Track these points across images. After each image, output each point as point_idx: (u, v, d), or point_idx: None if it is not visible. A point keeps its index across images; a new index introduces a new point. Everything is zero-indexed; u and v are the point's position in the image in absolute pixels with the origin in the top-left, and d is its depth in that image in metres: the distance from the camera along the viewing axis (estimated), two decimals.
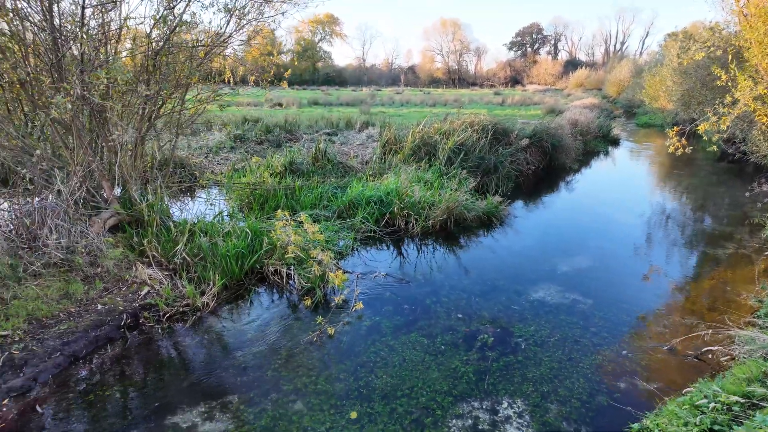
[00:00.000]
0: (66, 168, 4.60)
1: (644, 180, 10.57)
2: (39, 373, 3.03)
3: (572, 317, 4.01)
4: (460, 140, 8.27)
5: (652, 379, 3.22)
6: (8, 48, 4.10)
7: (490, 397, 3.00)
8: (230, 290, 4.30)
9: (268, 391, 3.01)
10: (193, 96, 5.23)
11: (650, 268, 5.13)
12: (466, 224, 6.32)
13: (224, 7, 4.53)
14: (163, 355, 3.45)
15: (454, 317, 3.96)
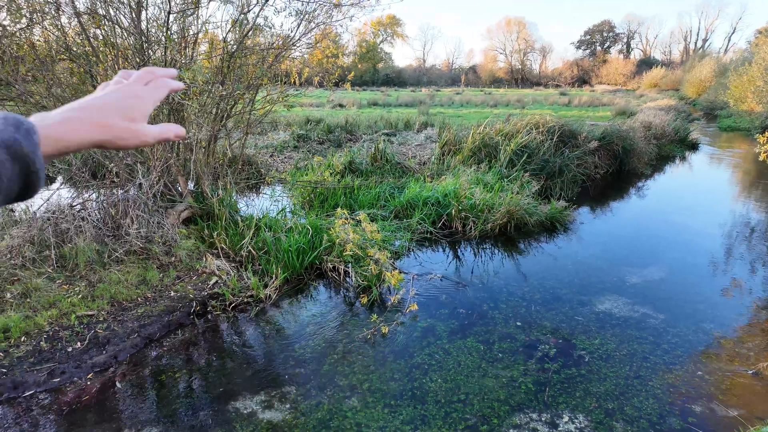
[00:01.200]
0: (147, 163, 4.96)
1: (726, 188, 9.74)
2: (119, 352, 3.29)
3: (642, 332, 3.76)
4: (524, 142, 8.02)
5: (734, 405, 2.95)
6: (102, 52, 4.48)
7: (549, 410, 2.89)
8: (291, 284, 4.45)
9: (324, 385, 3.08)
10: (262, 97, 5.45)
11: (732, 284, 4.72)
12: (527, 229, 6.12)
13: (296, 12, 4.68)
14: (228, 343, 3.62)
15: (512, 325, 3.85)
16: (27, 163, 0.42)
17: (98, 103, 0.50)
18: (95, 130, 0.48)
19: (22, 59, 4.08)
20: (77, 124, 0.47)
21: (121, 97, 0.51)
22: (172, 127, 0.57)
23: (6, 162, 0.40)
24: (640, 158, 10.02)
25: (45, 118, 0.46)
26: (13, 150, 0.41)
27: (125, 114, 0.51)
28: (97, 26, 4.32)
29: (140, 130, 0.52)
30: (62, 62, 4.54)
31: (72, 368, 3.11)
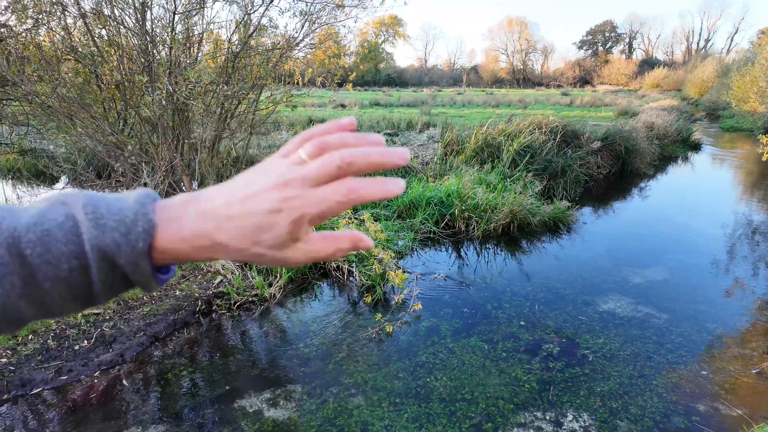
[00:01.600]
0: (152, 163, 4.98)
1: (728, 188, 9.73)
2: (125, 350, 3.31)
3: (645, 332, 3.77)
4: (526, 142, 8.04)
5: (738, 404, 2.96)
6: (107, 52, 4.51)
7: (554, 409, 2.90)
8: (295, 283, 4.46)
9: (329, 384, 3.10)
10: (265, 97, 5.47)
11: (735, 284, 4.72)
12: (530, 229, 6.13)
13: (300, 12, 4.71)
14: (233, 342, 3.64)
15: (516, 324, 3.86)
16: (126, 272, 0.35)
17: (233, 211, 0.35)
18: (221, 253, 0.36)
19: (28, 59, 4.11)
20: (201, 241, 0.35)
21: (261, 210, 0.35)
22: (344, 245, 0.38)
23: (103, 269, 0.34)
24: (643, 158, 10.02)
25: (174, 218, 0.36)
26: (110, 258, 0.34)
27: (260, 240, 0.35)
28: (103, 26, 4.35)
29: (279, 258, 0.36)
30: (67, 62, 4.56)
31: (79, 366, 3.13)
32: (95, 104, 4.42)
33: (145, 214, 0.34)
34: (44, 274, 0.33)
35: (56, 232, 0.33)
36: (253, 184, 0.36)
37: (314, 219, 0.35)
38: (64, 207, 0.35)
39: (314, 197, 0.34)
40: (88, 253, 0.33)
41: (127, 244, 0.34)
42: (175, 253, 0.35)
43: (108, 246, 0.33)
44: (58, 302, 0.34)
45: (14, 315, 0.34)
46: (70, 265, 0.33)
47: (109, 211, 0.34)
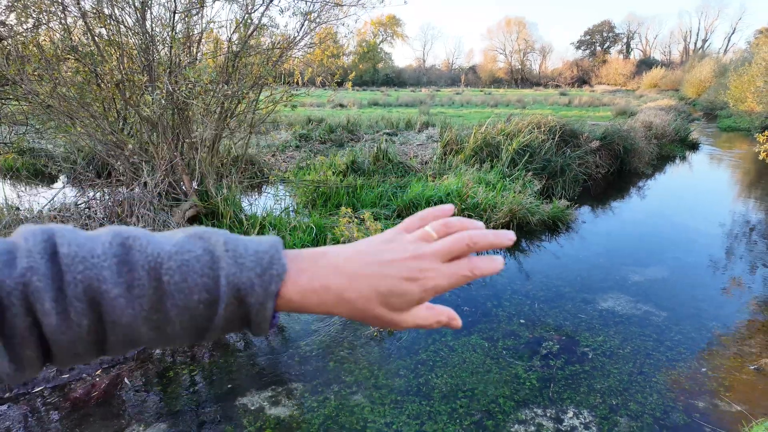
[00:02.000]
0: (152, 162, 4.98)
1: (726, 188, 9.77)
2: None
3: (645, 329, 3.79)
4: (525, 141, 8.06)
5: (737, 400, 2.98)
6: (107, 51, 4.51)
7: (554, 406, 2.91)
8: None
9: (330, 382, 3.10)
10: (265, 96, 5.48)
11: (733, 282, 4.75)
12: (530, 228, 6.15)
13: (300, 12, 4.72)
14: (234, 341, 3.65)
15: (516, 322, 3.87)
16: (251, 312, 0.36)
17: (368, 272, 0.38)
18: (343, 308, 0.38)
19: (28, 59, 4.11)
20: (329, 295, 0.38)
21: (398, 276, 0.38)
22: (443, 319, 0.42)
23: (231, 305, 0.36)
24: (641, 158, 10.05)
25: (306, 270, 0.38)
26: (242, 295, 0.36)
27: (388, 301, 0.38)
28: (103, 25, 4.35)
29: (395, 322, 0.40)
30: (67, 61, 4.56)
31: (81, 364, 3.13)
32: (95, 103, 4.42)
33: (279, 259, 0.37)
34: (173, 302, 0.35)
35: (194, 264, 0.35)
36: (385, 251, 0.39)
37: (442, 290, 0.39)
38: (201, 241, 0.37)
39: (446, 271, 0.39)
40: (222, 288, 0.35)
41: (261, 285, 0.36)
42: (299, 302, 0.37)
43: (243, 284, 0.36)
44: (177, 331, 0.36)
45: (132, 336, 0.35)
46: (200, 297, 0.35)
47: (247, 251, 0.37)
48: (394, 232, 0.42)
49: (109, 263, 0.34)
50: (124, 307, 0.34)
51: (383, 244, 0.40)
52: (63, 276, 0.33)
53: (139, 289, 0.34)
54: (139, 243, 0.36)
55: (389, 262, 0.38)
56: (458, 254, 0.40)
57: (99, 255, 0.34)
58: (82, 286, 0.33)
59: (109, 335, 0.35)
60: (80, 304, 0.33)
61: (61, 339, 0.33)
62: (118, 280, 0.34)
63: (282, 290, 0.37)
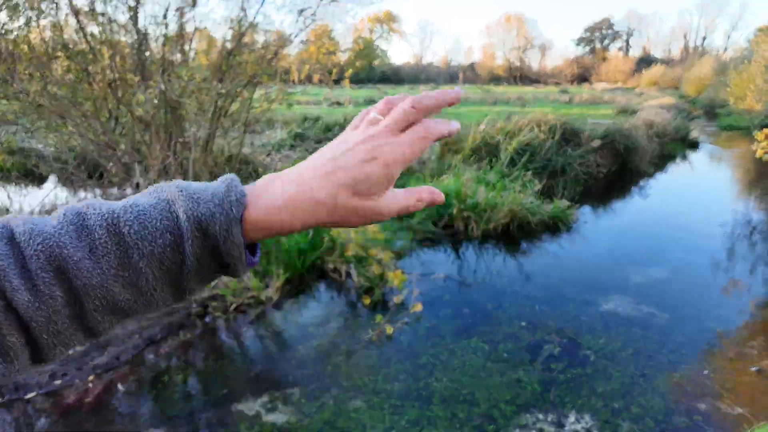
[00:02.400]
0: (144, 162, 4.91)
1: (727, 187, 9.73)
2: (120, 353, 3.26)
3: (647, 331, 3.74)
4: (525, 141, 8.00)
5: (739, 403, 2.94)
6: (99, 49, 4.43)
7: (555, 410, 2.86)
8: (292, 285, 4.41)
9: (328, 386, 3.05)
10: (260, 95, 5.41)
11: (735, 283, 4.70)
12: (530, 228, 6.09)
13: (297, 10, 4.66)
14: (229, 344, 3.59)
15: (516, 325, 3.82)
16: (217, 241, 0.35)
17: (327, 170, 0.38)
18: (316, 213, 0.37)
19: (19, 57, 4.04)
20: (298, 204, 0.37)
21: (357, 161, 0.38)
22: (424, 195, 0.42)
23: (196, 239, 0.35)
24: (643, 157, 10.00)
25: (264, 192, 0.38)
26: (204, 226, 0.35)
27: (358, 189, 0.38)
28: (95, 23, 4.28)
29: (374, 211, 0.39)
30: (59, 60, 4.49)
31: (74, 370, 3.07)
32: (87, 102, 4.35)
33: (236, 186, 0.37)
34: (140, 252, 0.34)
35: (151, 211, 0.35)
36: (338, 147, 0.39)
37: (405, 161, 0.39)
38: (154, 192, 0.37)
39: (401, 141, 0.38)
40: (182, 224, 0.35)
41: (221, 213, 0.35)
42: (267, 221, 0.37)
43: (203, 215, 0.35)
44: (151, 283, 0.35)
45: (109, 298, 0.35)
46: (164, 240, 0.35)
47: (200, 188, 0.37)
48: (343, 134, 0.41)
49: (66, 229, 0.34)
50: (92, 268, 0.34)
51: (334, 145, 0.40)
52: (23, 251, 0.33)
53: (102, 248, 0.34)
54: (93, 207, 0.36)
55: (343, 154, 0.38)
56: (408, 121, 0.39)
57: (55, 225, 0.34)
58: (44, 257, 0.33)
59: (85, 302, 0.34)
60: (46, 274, 0.33)
61: (37, 316, 0.33)
62: (79, 244, 0.34)
63: (245, 214, 0.36)
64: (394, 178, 0.39)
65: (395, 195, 0.40)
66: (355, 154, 0.38)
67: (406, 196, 0.41)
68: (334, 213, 0.38)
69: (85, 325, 0.35)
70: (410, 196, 0.41)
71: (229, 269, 0.37)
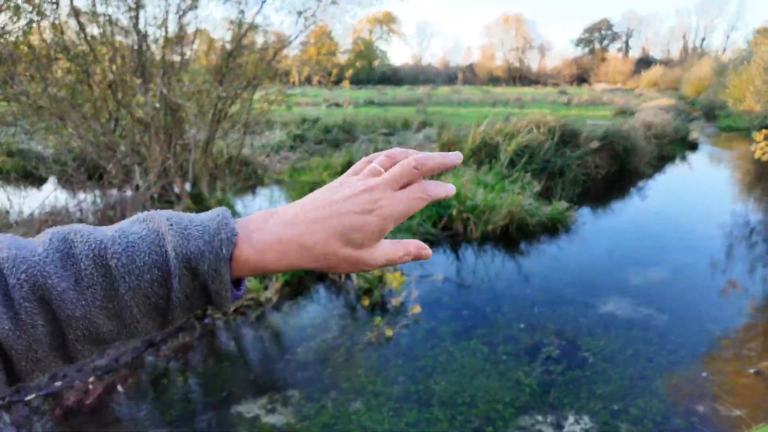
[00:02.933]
0: (144, 164, 4.92)
1: (726, 188, 9.74)
2: (120, 355, 3.26)
3: (646, 333, 3.75)
4: (524, 142, 8.01)
5: (737, 405, 2.94)
6: (99, 51, 4.44)
7: (555, 412, 2.87)
8: (291, 286, 4.42)
9: (327, 388, 3.05)
10: (260, 96, 5.42)
11: (733, 284, 4.71)
12: (529, 230, 6.10)
13: (296, 12, 4.66)
14: (229, 346, 3.60)
15: (516, 327, 3.83)
16: (207, 281, 0.35)
17: (321, 216, 0.38)
18: (305, 257, 0.37)
19: (19, 59, 4.04)
20: (286, 247, 0.37)
21: (354, 210, 0.38)
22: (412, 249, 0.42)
23: (184, 276, 0.35)
24: (642, 158, 10.01)
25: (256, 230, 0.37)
26: (193, 264, 0.35)
27: (350, 238, 0.38)
28: (97, 24, 4.29)
29: (364, 261, 0.39)
30: (59, 62, 4.49)
31: (73, 372, 3.08)
32: (87, 104, 4.36)
33: (228, 224, 0.36)
34: (127, 285, 0.34)
35: (140, 244, 0.35)
36: (336, 193, 0.39)
37: (400, 218, 0.39)
38: (143, 223, 0.36)
39: (400, 197, 0.39)
40: (171, 261, 0.34)
41: (211, 251, 0.35)
42: (257, 261, 0.37)
43: (192, 253, 0.35)
44: (135, 316, 0.35)
45: (92, 330, 0.34)
46: (152, 276, 0.34)
47: (192, 222, 0.36)
48: (342, 177, 0.42)
49: (52, 258, 0.34)
50: (76, 299, 0.33)
51: (333, 188, 0.40)
52: (6, 279, 0.32)
53: (88, 279, 0.34)
54: (81, 235, 0.35)
55: (342, 201, 0.38)
56: (408, 179, 0.40)
57: (40, 253, 0.34)
58: (28, 286, 0.32)
59: (67, 333, 0.34)
60: (29, 304, 0.32)
61: (17, 344, 0.32)
62: (64, 274, 0.33)
63: (236, 253, 0.36)
64: (386, 233, 0.39)
65: (383, 246, 0.40)
66: (353, 205, 0.38)
67: (394, 250, 0.41)
68: (324, 259, 0.38)
69: (65, 353, 0.35)
70: (398, 250, 0.41)
71: (214, 304, 0.37)
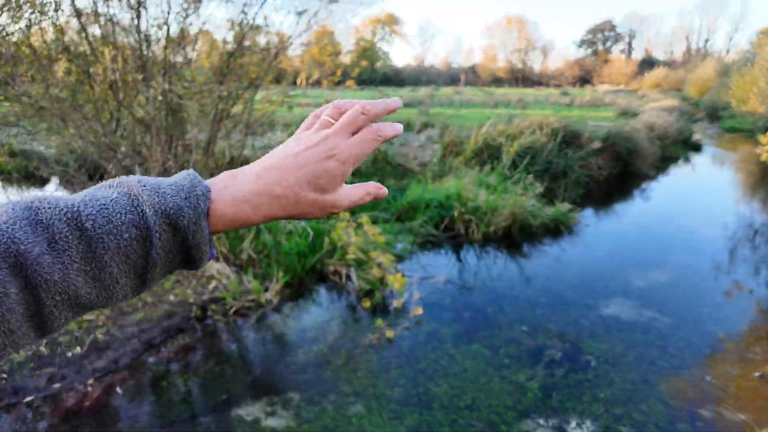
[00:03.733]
0: (145, 165, 4.90)
1: (729, 190, 9.69)
2: (119, 357, 3.24)
3: (648, 336, 3.72)
4: (527, 143, 7.97)
5: (742, 409, 2.91)
6: (101, 52, 4.42)
7: (557, 416, 2.84)
8: (292, 288, 4.40)
9: (327, 391, 3.03)
10: (262, 96, 5.40)
11: (737, 287, 4.67)
12: (531, 231, 6.07)
13: (296, 12, 4.65)
14: (229, 348, 3.58)
15: (517, 329, 3.80)
16: (186, 235, 0.37)
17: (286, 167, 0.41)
18: (277, 206, 0.40)
19: (20, 59, 4.03)
20: (258, 198, 0.40)
21: (315, 159, 0.41)
22: (371, 191, 0.46)
23: (164, 233, 0.36)
24: (644, 159, 9.97)
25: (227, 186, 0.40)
26: (173, 220, 0.36)
27: (317, 183, 0.41)
28: (97, 24, 4.28)
29: (332, 204, 0.43)
30: (59, 61, 4.48)
31: (72, 373, 3.06)
32: (88, 105, 4.34)
33: (200, 182, 0.38)
34: (105, 246, 0.34)
35: (113, 205, 0.35)
36: (296, 147, 0.42)
37: (358, 159, 0.43)
38: (113, 188, 0.37)
39: (354, 142, 0.43)
40: (150, 218, 0.35)
41: (189, 206, 0.36)
42: (233, 214, 0.39)
43: (171, 209, 0.36)
44: (115, 277, 0.35)
45: (71, 293, 0.34)
46: (131, 234, 0.35)
47: (164, 183, 0.38)
48: (297, 133, 0.45)
49: (20, 225, 0.33)
50: (52, 263, 0.33)
51: (291, 144, 0.43)
52: None
53: (63, 243, 0.33)
54: (47, 202, 0.34)
55: (302, 152, 0.41)
56: (358, 125, 0.43)
57: (5, 221, 0.33)
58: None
59: (45, 299, 0.33)
60: (1, 272, 0.31)
61: None
62: (36, 239, 0.32)
63: (212, 207, 0.38)
64: (347, 175, 0.43)
65: (345, 189, 0.44)
66: (314, 153, 0.41)
67: (356, 191, 0.45)
68: (296, 206, 0.41)
69: (41, 322, 0.34)
70: (359, 191, 0.45)
71: (193, 262, 0.38)
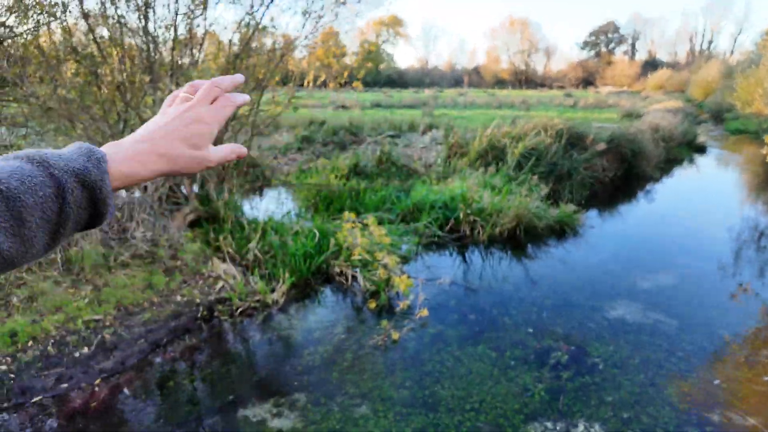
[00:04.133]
0: None
1: (734, 191, 9.64)
2: (126, 357, 3.25)
3: (655, 339, 3.70)
4: (531, 145, 7.96)
5: (752, 413, 2.89)
6: (108, 52, 4.45)
7: (564, 419, 2.83)
8: (298, 288, 4.40)
9: (333, 393, 3.03)
10: (269, 98, 5.42)
11: (743, 289, 4.64)
12: (537, 233, 6.05)
13: (303, 12, 4.66)
14: (235, 349, 3.58)
15: (523, 331, 3.79)
16: (95, 190, 0.42)
17: (163, 132, 0.49)
18: (162, 162, 0.48)
19: (28, 60, 4.06)
20: (145, 157, 0.47)
21: (185, 123, 0.50)
22: (235, 149, 0.56)
23: (75, 189, 0.41)
24: (649, 161, 9.93)
25: (117, 150, 0.46)
26: (82, 178, 0.41)
27: (190, 142, 0.50)
28: (105, 26, 4.30)
29: (205, 157, 0.51)
30: (68, 63, 4.50)
31: (79, 373, 3.07)
32: (95, 105, 4.37)
33: (96, 148, 0.44)
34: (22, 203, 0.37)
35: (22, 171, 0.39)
36: (166, 118, 0.50)
37: (220, 120, 0.52)
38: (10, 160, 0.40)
39: (215, 107, 0.52)
40: (60, 178, 0.40)
41: (94, 166, 0.42)
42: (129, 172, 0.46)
43: (78, 170, 0.41)
44: (33, 231, 0.38)
45: None
46: (45, 192, 0.39)
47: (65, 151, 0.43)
48: (162, 109, 0.53)
49: None
50: None
51: (161, 118, 0.50)
52: None
53: None
54: None
55: (174, 120, 0.49)
56: (214, 95, 0.52)
57: None
58: None
59: None
60: None
61: None
62: None
63: (110, 167, 0.44)
64: (215, 134, 0.52)
65: (215, 148, 0.53)
66: (183, 119, 0.49)
67: (223, 149, 0.54)
68: (176, 161, 0.48)
69: None
70: (225, 149, 0.54)
71: (98, 218, 0.44)
